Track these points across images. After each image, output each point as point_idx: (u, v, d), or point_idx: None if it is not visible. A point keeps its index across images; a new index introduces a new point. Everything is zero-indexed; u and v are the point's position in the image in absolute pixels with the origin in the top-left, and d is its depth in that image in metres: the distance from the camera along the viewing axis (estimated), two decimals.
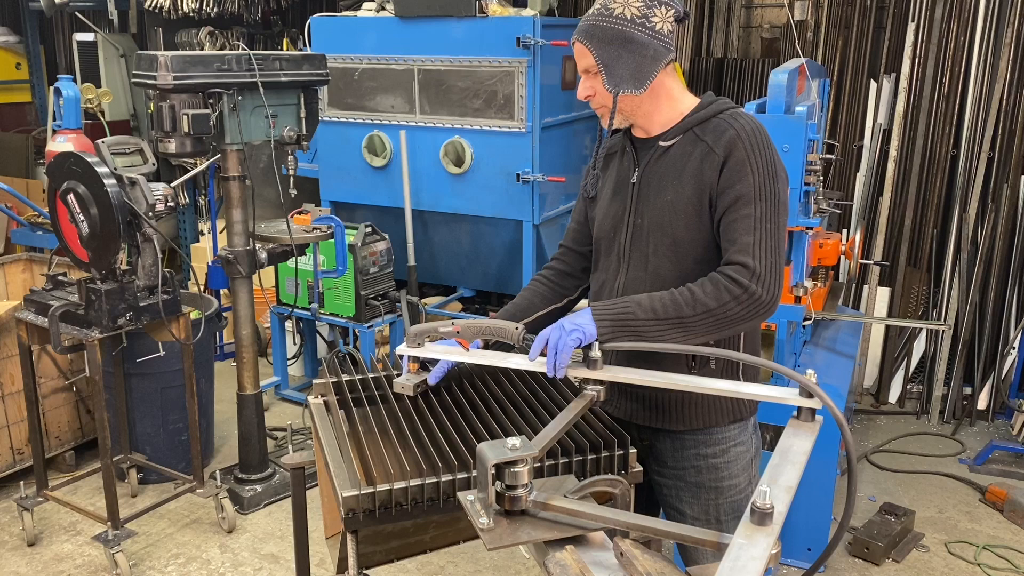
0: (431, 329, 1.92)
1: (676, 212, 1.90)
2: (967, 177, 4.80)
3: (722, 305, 1.77)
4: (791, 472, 1.38)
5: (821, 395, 1.50)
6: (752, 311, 1.78)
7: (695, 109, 1.95)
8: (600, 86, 1.92)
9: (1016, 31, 4.62)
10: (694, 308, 1.77)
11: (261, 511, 3.80)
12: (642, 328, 1.79)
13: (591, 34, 1.90)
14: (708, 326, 1.78)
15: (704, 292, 1.78)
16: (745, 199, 1.81)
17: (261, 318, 5.02)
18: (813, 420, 1.54)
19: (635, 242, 1.98)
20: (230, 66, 3.31)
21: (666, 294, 1.81)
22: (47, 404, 3.95)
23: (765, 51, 5.69)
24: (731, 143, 1.84)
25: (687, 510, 2.05)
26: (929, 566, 3.46)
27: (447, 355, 1.96)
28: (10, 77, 7.59)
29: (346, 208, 5.20)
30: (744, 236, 1.80)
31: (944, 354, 4.84)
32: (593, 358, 1.76)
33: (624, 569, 1.32)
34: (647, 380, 1.77)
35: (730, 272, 1.78)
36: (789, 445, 1.47)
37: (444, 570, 3.37)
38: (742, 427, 2.03)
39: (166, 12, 6.11)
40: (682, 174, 1.90)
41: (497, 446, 1.38)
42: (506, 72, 4.54)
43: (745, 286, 1.76)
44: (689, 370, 1.94)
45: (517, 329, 1.84)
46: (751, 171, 1.82)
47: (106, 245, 3.02)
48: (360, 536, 1.70)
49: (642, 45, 1.88)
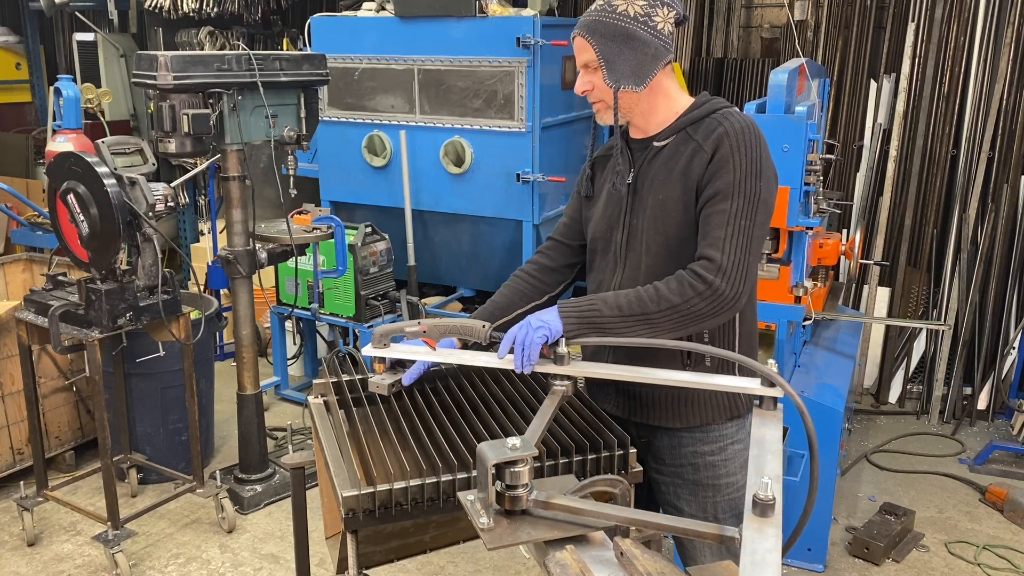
0: (397, 329, 1.94)
1: (667, 211, 1.92)
2: (967, 177, 4.80)
3: (686, 301, 1.78)
4: (773, 461, 1.42)
5: (782, 383, 1.56)
6: (716, 307, 1.78)
7: (689, 109, 1.96)
8: (599, 81, 1.93)
9: (1016, 31, 4.62)
10: (658, 304, 1.79)
11: (261, 511, 3.80)
12: (607, 324, 1.81)
13: (593, 29, 1.90)
14: (673, 322, 1.80)
15: (669, 289, 1.80)
16: (723, 194, 1.82)
17: (261, 318, 5.02)
18: (775, 408, 1.61)
19: (630, 242, 1.99)
20: (230, 66, 3.31)
21: (632, 292, 1.83)
22: (47, 404, 3.95)
23: (765, 51, 5.69)
24: (718, 140, 1.85)
25: (685, 507, 2.06)
26: (929, 566, 3.46)
27: (412, 355, 1.97)
28: (10, 77, 7.59)
29: (346, 208, 5.20)
30: (716, 231, 1.81)
31: (944, 354, 4.84)
32: (560, 354, 1.79)
33: (624, 569, 1.32)
34: (617, 375, 1.83)
35: (696, 268, 1.80)
36: (763, 435, 1.51)
37: (444, 570, 3.37)
38: (739, 424, 2.04)
39: (166, 12, 6.11)
40: (672, 173, 1.92)
41: (497, 446, 1.38)
42: (506, 72, 4.54)
43: (709, 281, 1.77)
44: (684, 368, 1.94)
45: (484, 328, 1.87)
46: (733, 167, 1.82)
47: (106, 245, 3.02)
48: (360, 536, 1.70)
49: (643, 43, 1.89)
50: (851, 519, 3.75)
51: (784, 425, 1.79)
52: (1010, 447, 4.31)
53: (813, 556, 3.36)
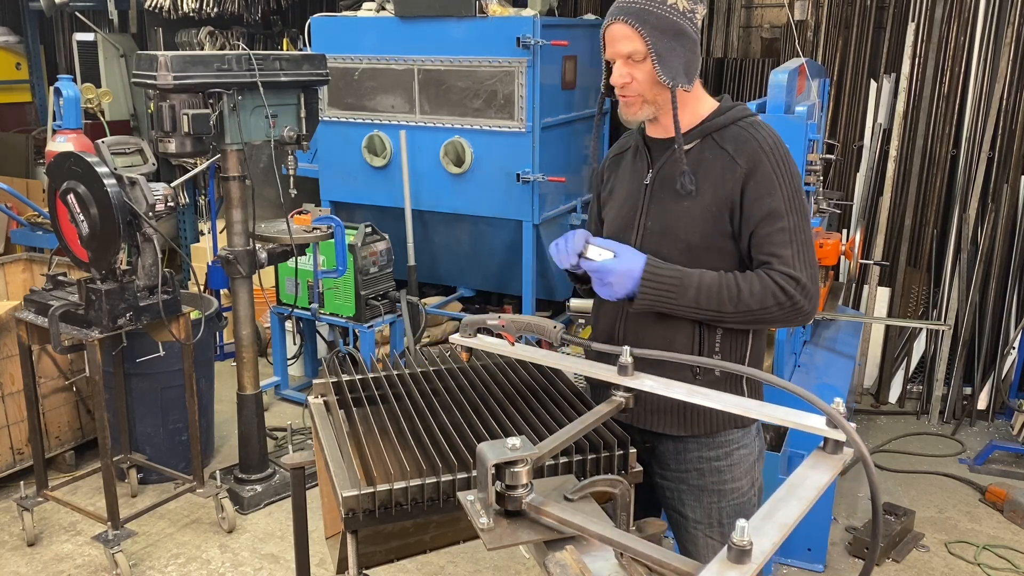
0: (480, 321, 2.00)
1: (692, 218, 1.89)
2: (967, 177, 4.79)
3: (764, 308, 1.81)
4: (793, 508, 1.27)
5: (846, 428, 1.40)
6: (791, 319, 1.85)
7: (714, 113, 1.93)
8: (642, 74, 1.85)
9: (1016, 31, 4.62)
10: (736, 307, 1.82)
11: (261, 511, 3.80)
12: (676, 310, 1.84)
13: (643, 19, 1.81)
14: (742, 323, 1.85)
15: (751, 293, 1.81)
16: (777, 213, 1.83)
17: (261, 318, 5.01)
18: (838, 452, 1.43)
19: (646, 245, 1.95)
20: (230, 66, 3.31)
21: (715, 284, 1.83)
22: (47, 404, 3.95)
23: (765, 51, 5.69)
24: (755, 156, 1.84)
25: (689, 513, 2.04)
26: (929, 566, 3.46)
27: (494, 349, 2.00)
28: (10, 77, 7.59)
29: (346, 208, 5.20)
30: (782, 249, 1.83)
31: (944, 354, 4.84)
32: (624, 364, 1.74)
33: (624, 569, 1.32)
34: (676, 394, 1.70)
35: (780, 280, 1.81)
36: (803, 478, 1.36)
37: (444, 570, 3.37)
38: (745, 431, 2.02)
39: (166, 12, 6.11)
40: (702, 181, 1.88)
41: (497, 446, 1.38)
42: (506, 72, 4.54)
43: (792, 296, 1.81)
44: (694, 377, 1.92)
45: (555, 328, 1.87)
46: (779, 185, 1.84)
47: (106, 245, 3.02)
48: (360, 536, 1.70)
49: (692, 41, 1.85)
50: (851, 519, 3.75)
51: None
52: (1010, 447, 4.31)
53: (813, 556, 3.36)
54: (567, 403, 1.96)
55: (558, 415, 1.88)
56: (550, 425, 1.83)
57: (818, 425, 1.47)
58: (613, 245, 1.89)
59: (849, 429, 1.39)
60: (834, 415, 1.41)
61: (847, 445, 1.43)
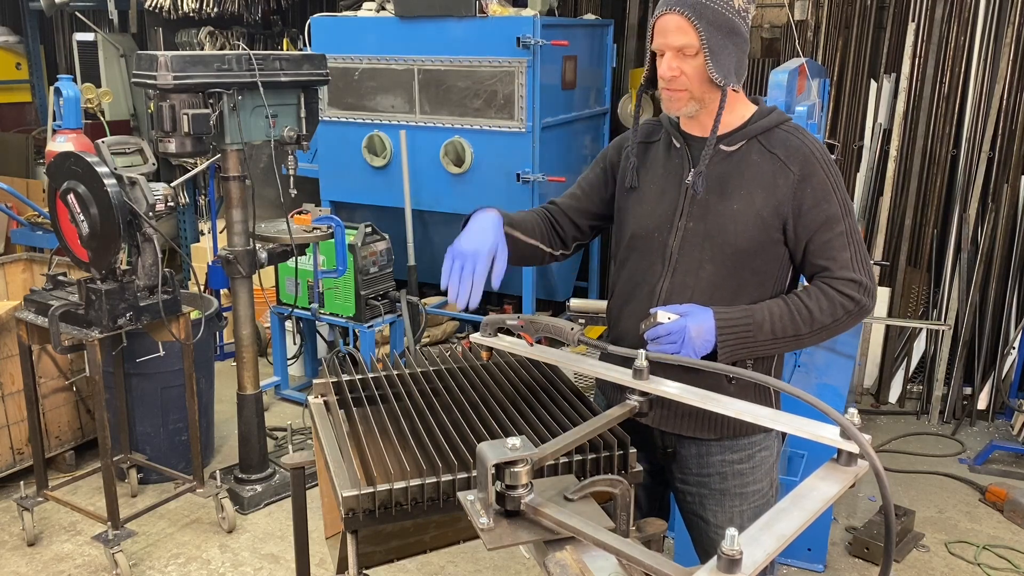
0: (500, 320, 2.03)
1: (743, 222, 1.85)
2: (967, 177, 4.79)
3: (836, 320, 1.83)
4: (794, 520, 1.25)
5: (860, 440, 1.36)
6: (859, 320, 1.86)
7: (756, 116, 1.90)
8: (692, 69, 1.80)
9: (1016, 31, 4.61)
10: (811, 327, 1.82)
11: (261, 511, 3.80)
12: (757, 349, 1.84)
13: (700, 12, 1.76)
14: (817, 340, 1.86)
15: (820, 310, 1.82)
16: (835, 218, 1.84)
17: (261, 318, 5.01)
18: (852, 465, 1.40)
19: (686, 247, 1.89)
20: (230, 66, 3.31)
21: (785, 311, 1.83)
22: (47, 404, 3.95)
23: (765, 51, 5.69)
24: (808, 163, 1.84)
25: (711, 518, 2.00)
26: (929, 566, 3.46)
27: (514, 349, 2.01)
28: (10, 77, 7.59)
29: (346, 208, 5.20)
30: (842, 253, 1.84)
31: (944, 354, 4.84)
32: (639, 368, 1.73)
33: (624, 569, 1.32)
34: (689, 399, 1.70)
35: (841, 287, 1.82)
36: (810, 489, 1.33)
37: (444, 570, 3.37)
38: (767, 432, 1.99)
39: (166, 12, 6.11)
40: (751, 185, 1.85)
41: (497, 446, 1.38)
42: (506, 72, 4.54)
43: (857, 299, 1.82)
44: (728, 383, 1.89)
45: (572, 330, 1.86)
46: (834, 191, 1.85)
47: (106, 245, 3.02)
48: (360, 536, 1.70)
49: (743, 39, 1.83)
50: (851, 519, 3.75)
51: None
52: (1010, 447, 4.31)
53: (813, 556, 3.36)
54: (567, 403, 1.96)
55: (558, 415, 1.88)
56: (550, 425, 1.83)
57: (832, 436, 1.44)
58: (677, 308, 1.83)
59: (863, 442, 1.36)
60: (848, 427, 1.38)
61: (861, 458, 1.40)
